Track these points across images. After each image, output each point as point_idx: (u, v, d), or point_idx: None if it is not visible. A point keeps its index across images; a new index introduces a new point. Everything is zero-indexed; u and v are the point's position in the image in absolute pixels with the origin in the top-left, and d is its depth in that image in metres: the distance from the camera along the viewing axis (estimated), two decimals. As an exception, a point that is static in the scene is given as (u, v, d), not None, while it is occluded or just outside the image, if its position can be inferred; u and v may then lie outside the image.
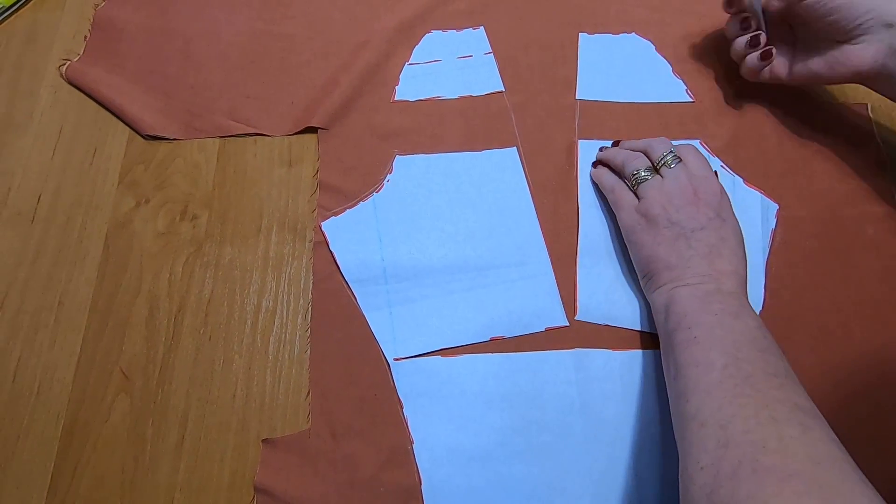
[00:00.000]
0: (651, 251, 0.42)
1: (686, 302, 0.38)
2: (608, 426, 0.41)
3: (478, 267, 0.46)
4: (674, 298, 0.39)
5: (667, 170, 0.43)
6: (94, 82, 0.52)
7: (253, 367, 0.43)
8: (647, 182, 0.43)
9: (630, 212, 0.44)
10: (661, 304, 0.40)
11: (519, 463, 0.40)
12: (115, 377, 0.43)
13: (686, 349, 0.36)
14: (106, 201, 0.48)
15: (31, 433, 0.41)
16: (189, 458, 0.41)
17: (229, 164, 0.50)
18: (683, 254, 0.40)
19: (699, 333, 0.36)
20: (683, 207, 0.41)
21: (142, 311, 0.45)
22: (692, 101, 0.52)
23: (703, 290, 0.38)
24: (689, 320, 0.37)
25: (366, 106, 0.51)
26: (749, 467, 0.29)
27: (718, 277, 0.39)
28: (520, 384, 0.42)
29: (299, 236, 0.47)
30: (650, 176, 0.43)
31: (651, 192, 0.43)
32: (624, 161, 0.45)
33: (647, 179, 0.43)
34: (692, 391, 0.34)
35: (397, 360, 0.43)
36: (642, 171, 0.44)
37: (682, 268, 0.40)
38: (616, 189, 0.45)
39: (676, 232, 0.41)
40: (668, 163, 0.43)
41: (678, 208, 0.41)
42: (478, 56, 0.54)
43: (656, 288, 0.41)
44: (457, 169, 0.49)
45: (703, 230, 0.40)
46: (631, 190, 0.45)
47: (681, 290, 0.39)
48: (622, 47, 0.54)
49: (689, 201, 0.41)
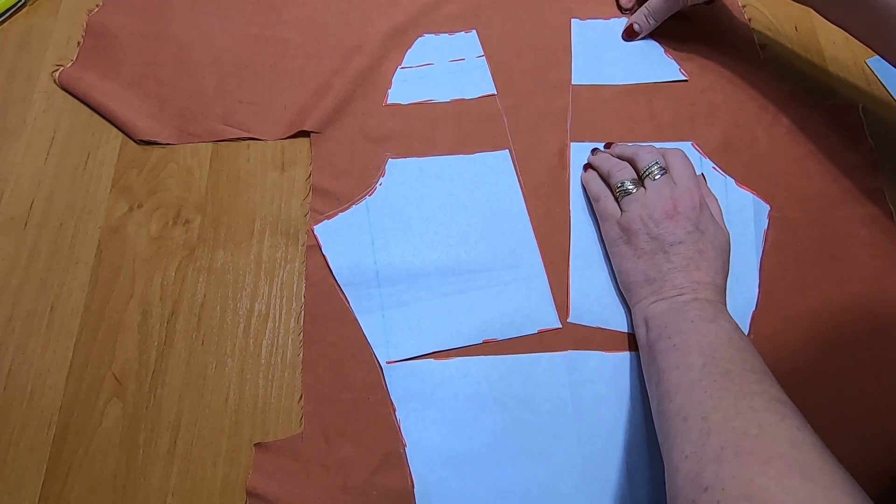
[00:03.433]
0: (631, 264, 0.43)
1: (665, 315, 0.40)
2: (601, 428, 0.41)
3: (470, 270, 0.46)
4: (653, 312, 0.41)
5: (650, 182, 0.44)
6: (88, 88, 0.52)
7: (246, 371, 0.43)
8: (630, 196, 0.44)
9: (613, 224, 0.45)
10: (641, 318, 0.42)
11: (512, 465, 0.40)
12: (108, 382, 0.43)
13: (667, 356, 0.38)
14: (99, 206, 0.48)
15: (24, 438, 0.41)
16: (181, 463, 0.41)
17: (222, 168, 0.50)
18: (662, 267, 0.41)
19: (678, 341, 0.38)
20: (663, 222, 0.42)
21: (134, 315, 0.45)
22: (686, 80, 0.52)
23: (681, 302, 0.40)
24: (669, 331, 0.39)
25: (358, 110, 0.51)
26: (731, 451, 0.31)
27: (696, 288, 0.40)
28: (512, 387, 0.42)
29: (292, 240, 0.47)
30: (634, 189, 0.44)
31: (633, 207, 0.43)
32: (610, 171, 0.46)
33: (630, 193, 0.44)
34: (674, 391, 0.36)
35: (390, 363, 0.43)
36: (627, 183, 0.45)
37: (660, 281, 0.41)
38: (601, 199, 0.46)
39: (656, 246, 0.42)
40: (652, 174, 0.44)
41: (658, 223, 0.42)
42: (470, 59, 0.54)
43: (637, 301, 0.42)
44: (449, 172, 0.49)
45: (682, 244, 0.41)
46: (616, 201, 0.45)
47: (660, 304, 0.41)
48: (614, 31, 0.55)
49: (669, 215, 0.42)
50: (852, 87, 0.53)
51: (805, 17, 0.56)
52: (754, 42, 0.55)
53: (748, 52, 0.54)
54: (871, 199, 0.48)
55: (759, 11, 0.57)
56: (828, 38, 0.55)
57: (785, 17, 0.56)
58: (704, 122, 0.51)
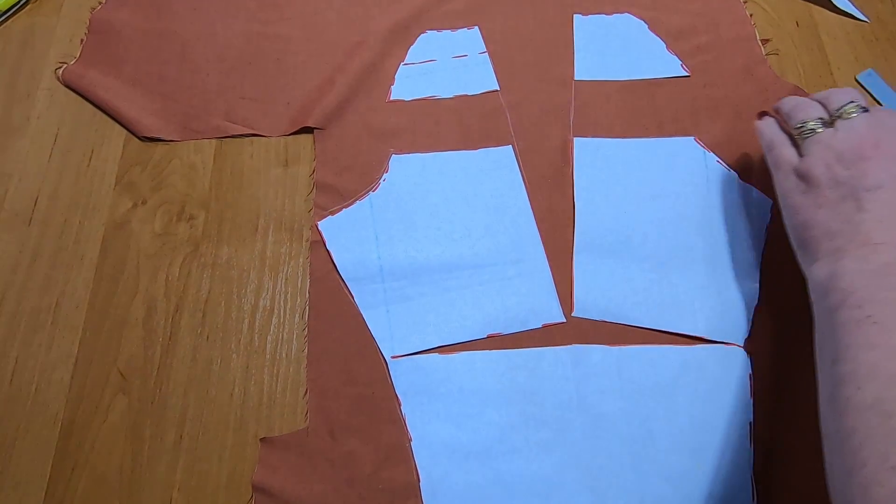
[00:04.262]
0: (807, 216, 0.35)
1: (853, 277, 0.32)
2: (606, 421, 0.41)
3: (474, 264, 0.46)
4: (836, 272, 0.33)
5: (843, 122, 0.36)
6: (91, 85, 0.52)
7: (251, 367, 0.43)
8: (813, 136, 0.36)
9: (787, 173, 0.37)
10: (819, 280, 0.34)
11: (517, 459, 0.40)
12: (113, 377, 0.43)
13: (856, 330, 0.30)
14: (103, 203, 0.48)
15: (29, 434, 0.41)
16: (187, 458, 0.41)
17: (226, 164, 0.50)
18: (852, 218, 0.33)
19: (875, 312, 0.30)
20: (856, 163, 0.34)
21: (139, 311, 0.45)
22: (688, 75, 0.53)
23: (877, 263, 0.32)
24: (859, 297, 0.31)
25: (362, 106, 0.52)
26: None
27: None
28: (517, 381, 0.43)
29: (296, 236, 0.47)
30: (820, 128, 0.36)
31: (816, 148, 0.36)
32: (791, 110, 0.38)
33: (813, 132, 0.36)
34: (867, 377, 0.29)
35: (395, 357, 0.43)
36: (810, 123, 0.37)
37: (849, 234, 0.33)
38: (776, 145, 0.39)
39: (843, 193, 0.34)
40: (847, 112, 0.36)
41: (849, 164, 0.34)
42: (473, 55, 0.54)
43: (813, 261, 0.35)
44: (452, 167, 0.49)
45: (882, 189, 0.33)
46: (794, 147, 0.38)
47: (845, 262, 0.33)
48: (616, 27, 0.55)
49: (865, 156, 0.34)
50: (853, 81, 0.53)
51: (806, 12, 0.57)
52: (756, 37, 0.55)
53: (750, 48, 0.54)
54: (874, 193, 0.48)
55: (760, 7, 0.57)
56: (829, 34, 0.56)
57: (786, 13, 0.57)
58: (706, 118, 0.51)
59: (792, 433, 0.41)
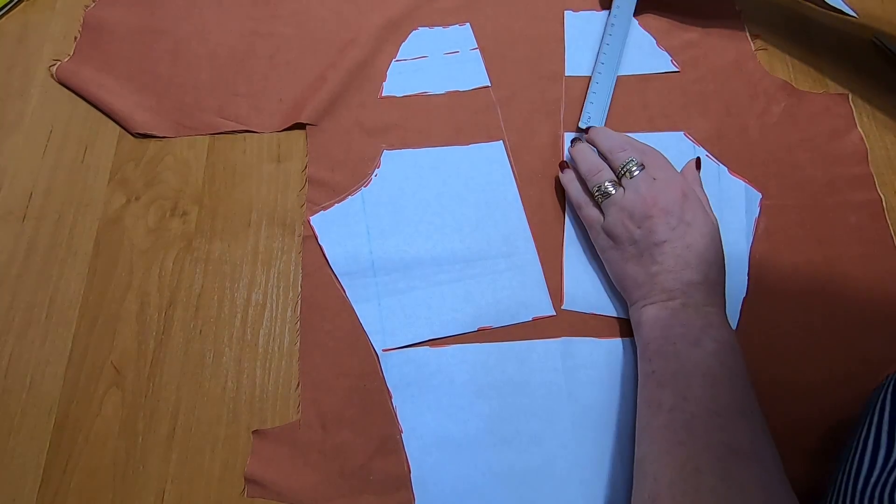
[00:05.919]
0: (620, 269, 0.42)
1: (651, 326, 0.39)
2: (594, 412, 0.42)
3: (465, 258, 0.46)
4: (641, 320, 0.40)
5: (628, 181, 0.43)
6: (84, 82, 0.53)
7: (243, 360, 0.44)
8: (609, 198, 0.43)
9: (598, 231, 0.44)
10: (634, 322, 0.41)
11: (507, 450, 0.41)
12: (107, 371, 0.43)
13: (645, 384, 0.38)
14: (96, 199, 0.49)
15: (24, 428, 0.42)
16: (180, 451, 0.41)
17: (219, 160, 0.50)
18: (650, 269, 0.40)
19: (657, 367, 0.38)
20: (644, 222, 0.40)
21: (132, 306, 0.45)
22: (678, 71, 0.53)
23: (670, 309, 0.39)
24: (651, 350, 0.38)
25: (353, 102, 0.52)
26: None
27: (686, 290, 0.39)
28: (507, 373, 0.43)
29: (288, 231, 0.48)
30: (612, 191, 0.43)
31: (612, 210, 0.42)
32: (586, 175, 0.45)
33: (609, 195, 0.43)
34: (642, 432, 0.37)
35: (386, 350, 0.43)
36: (605, 186, 0.43)
37: (649, 285, 0.40)
38: (583, 207, 0.45)
39: (640, 248, 0.41)
40: (629, 172, 0.43)
41: (639, 222, 0.41)
42: (464, 52, 0.54)
43: (630, 304, 0.42)
44: (444, 163, 0.50)
45: (667, 242, 0.40)
46: (596, 206, 0.45)
47: (648, 308, 0.40)
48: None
49: (649, 214, 0.40)
50: (842, 76, 0.54)
51: (795, 7, 0.57)
52: (745, 32, 0.55)
53: (739, 43, 0.55)
54: (861, 187, 0.49)
55: (749, 2, 0.57)
56: (818, 28, 0.56)
57: (775, 8, 0.57)
58: (696, 112, 0.52)
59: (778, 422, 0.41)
